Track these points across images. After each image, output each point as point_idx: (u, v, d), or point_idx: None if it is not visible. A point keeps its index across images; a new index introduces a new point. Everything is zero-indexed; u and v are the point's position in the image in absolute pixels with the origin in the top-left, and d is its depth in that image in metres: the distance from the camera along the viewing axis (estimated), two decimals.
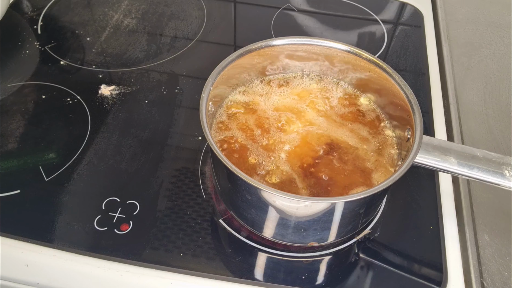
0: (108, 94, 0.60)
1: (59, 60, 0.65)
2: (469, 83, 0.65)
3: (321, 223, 0.41)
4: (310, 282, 0.44)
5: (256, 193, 0.40)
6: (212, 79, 0.46)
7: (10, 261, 0.45)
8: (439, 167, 0.42)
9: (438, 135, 0.58)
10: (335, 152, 0.47)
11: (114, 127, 0.56)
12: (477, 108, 0.61)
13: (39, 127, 0.56)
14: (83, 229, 0.46)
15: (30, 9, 0.74)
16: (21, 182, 0.50)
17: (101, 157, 0.53)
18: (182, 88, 0.62)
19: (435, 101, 0.62)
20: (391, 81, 0.47)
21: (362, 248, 0.47)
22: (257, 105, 0.51)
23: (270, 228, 0.44)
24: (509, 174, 0.41)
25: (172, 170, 0.52)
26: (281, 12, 0.76)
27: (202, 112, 0.42)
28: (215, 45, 0.69)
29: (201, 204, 0.49)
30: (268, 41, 0.50)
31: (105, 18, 0.72)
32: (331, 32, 0.73)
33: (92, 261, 0.44)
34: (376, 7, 0.78)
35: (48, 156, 0.53)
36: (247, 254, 0.46)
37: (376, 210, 0.49)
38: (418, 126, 0.43)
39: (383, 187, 0.38)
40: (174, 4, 0.76)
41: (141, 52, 0.67)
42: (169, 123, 0.57)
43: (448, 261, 0.46)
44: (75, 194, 0.49)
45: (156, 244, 0.45)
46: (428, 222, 0.49)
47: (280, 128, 0.49)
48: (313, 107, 0.51)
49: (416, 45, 0.71)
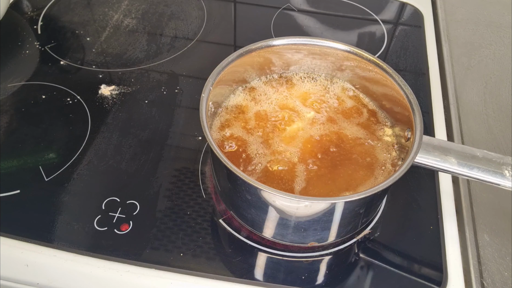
0: (108, 94, 0.60)
1: (59, 60, 0.65)
2: (469, 83, 0.65)
3: (321, 223, 0.41)
4: (310, 282, 0.44)
5: (256, 193, 0.40)
6: (212, 79, 0.46)
7: (10, 261, 0.45)
8: (439, 167, 0.42)
9: (438, 135, 0.58)
10: (334, 152, 0.47)
11: (114, 127, 0.56)
12: (477, 108, 0.61)
13: (39, 127, 0.56)
14: (83, 229, 0.46)
15: (30, 9, 0.74)
16: (21, 182, 0.50)
17: (101, 157, 0.53)
18: (182, 88, 0.62)
19: (435, 101, 0.62)
20: (391, 81, 0.47)
21: (362, 248, 0.47)
22: (257, 105, 0.51)
23: (270, 228, 0.44)
24: (509, 174, 0.41)
25: (172, 170, 0.52)
26: (281, 12, 0.76)
27: (202, 112, 0.42)
28: (215, 45, 0.69)
29: (201, 204, 0.49)
30: (268, 41, 0.50)
31: (105, 18, 0.72)
32: (331, 32, 0.73)
33: (92, 261, 0.44)
34: (376, 7, 0.78)
35: (48, 156, 0.53)
36: (247, 254, 0.46)
37: (376, 210, 0.49)
38: (418, 126, 0.43)
39: (383, 187, 0.38)
40: (174, 4, 0.76)
41: (141, 52, 0.67)
42: (169, 123, 0.57)
43: (448, 261, 0.46)
44: (75, 194, 0.49)
45: (156, 244, 0.45)
46: (428, 222, 0.49)
47: (281, 128, 0.49)
48: (313, 107, 0.51)
49: (416, 45, 0.71)
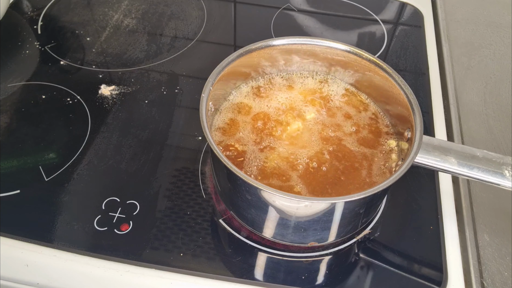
0: (108, 94, 0.60)
1: (59, 60, 0.65)
2: (469, 83, 0.65)
3: (321, 223, 0.41)
4: (310, 282, 0.44)
5: (256, 193, 0.40)
6: (212, 79, 0.46)
7: (10, 261, 0.45)
8: (439, 167, 0.42)
9: (438, 135, 0.58)
10: (335, 152, 0.47)
11: (114, 127, 0.56)
12: (477, 108, 0.61)
13: (39, 127, 0.56)
14: (83, 229, 0.46)
15: (30, 9, 0.74)
16: (21, 182, 0.50)
17: (101, 157, 0.53)
18: (182, 88, 0.62)
19: (435, 101, 0.62)
20: (391, 81, 0.47)
21: (362, 248, 0.47)
22: (257, 105, 0.51)
23: (270, 228, 0.44)
24: (509, 174, 0.41)
25: (172, 170, 0.52)
26: (281, 12, 0.76)
27: (202, 112, 0.42)
28: (215, 45, 0.69)
29: (201, 204, 0.49)
30: (268, 41, 0.50)
31: (105, 18, 0.72)
32: (331, 32, 0.73)
33: (92, 261, 0.44)
34: (376, 7, 0.78)
35: (48, 156, 0.53)
36: (247, 254, 0.46)
37: (376, 210, 0.49)
38: (418, 126, 0.43)
39: (383, 187, 0.38)
40: (174, 4, 0.76)
41: (141, 52, 0.67)
42: (169, 123, 0.57)
43: (448, 261, 0.46)
44: (75, 194, 0.49)
45: (156, 244, 0.45)
46: (428, 222, 0.49)
47: (281, 128, 0.49)
48: (313, 106, 0.51)
49: (416, 45, 0.71)
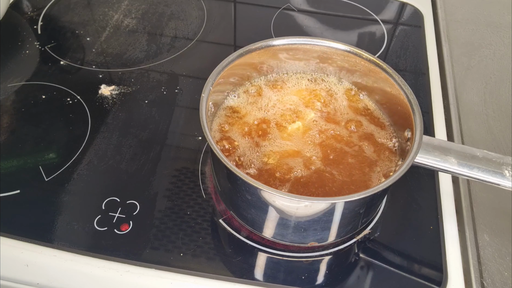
0: (108, 94, 0.60)
1: (59, 60, 0.65)
2: (469, 83, 0.65)
3: (321, 223, 0.41)
4: (310, 282, 0.44)
5: (256, 193, 0.40)
6: (212, 79, 0.46)
7: (10, 261, 0.45)
8: (439, 167, 0.42)
9: (438, 135, 0.58)
10: (334, 152, 0.47)
11: (114, 127, 0.56)
12: (477, 108, 0.61)
13: (39, 127, 0.56)
14: (83, 229, 0.46)
15: (30, 9, 0.74)
16: (21, 182, 0.50)
17: (101, 157, 0.53)
18: (182, 88, 0.62)
19: (435, 101, 0.62)
20: (391, 81, 0.47)
21: (362, 248, 0.47)
22: (257, 105, 0.51)
23: (270, 228, 0.44)
24: (509, 174, 0.41)
25: (172, 170, 0.52)
26: (281, 12, 0.76)
27: (202, 112, 0.42)
28: (215, 45, 0.69)
29: (201, 204, 0.49)
30: (268, 41, 0.50)
31: (105, 18, 0.72)
32: (331, 32, 0.73)
33: (92, 261, 0.44)
34: (376, 7, 0.78)
35: (48, 156, 0.53)
36: (247, 254, 0.46)
37: (376, 210, 0.49)
38: (418, 126, 0.43)
39: (383, 187, 0.38)
40: (174, 4, 0.76)
41: (141, 52, 0.67)
42: (169, 123, 0.57)
43: (448, 261, 0.46)
44: (75, 194, 0.49)
45: (156, 244, 0.45)
46: (428, 222, 0.49)
47: (281, 128, 0.49)
48: (313, 107, 0.51)
49: (416, 45, 0.71)
